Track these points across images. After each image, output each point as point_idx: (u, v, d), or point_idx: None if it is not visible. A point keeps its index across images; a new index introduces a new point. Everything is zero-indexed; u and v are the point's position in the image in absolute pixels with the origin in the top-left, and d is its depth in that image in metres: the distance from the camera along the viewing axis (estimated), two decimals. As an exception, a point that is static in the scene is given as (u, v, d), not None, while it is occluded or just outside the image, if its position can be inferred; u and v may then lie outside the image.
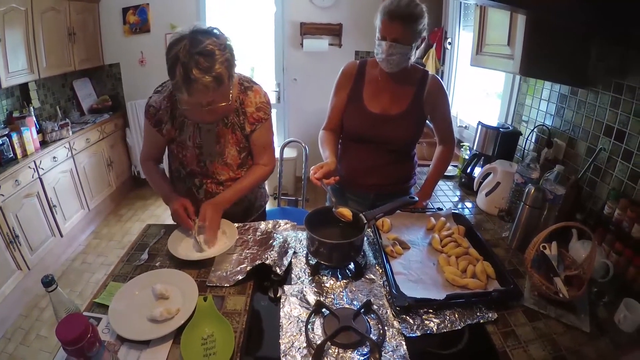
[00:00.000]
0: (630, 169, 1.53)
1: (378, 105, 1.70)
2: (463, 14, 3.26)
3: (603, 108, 1.68)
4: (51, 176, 3.25)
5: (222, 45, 1.30)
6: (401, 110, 1.69)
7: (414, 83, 1.71)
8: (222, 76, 1.28)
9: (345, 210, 1.44)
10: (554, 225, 1.36)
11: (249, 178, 1.64)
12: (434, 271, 1.39)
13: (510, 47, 1.73)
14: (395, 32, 1.52)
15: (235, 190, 1.60)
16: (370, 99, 1.71)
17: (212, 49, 1.25)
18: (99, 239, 3.75)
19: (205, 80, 1.24)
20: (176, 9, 4.11)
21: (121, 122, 4.42)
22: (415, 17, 1.52)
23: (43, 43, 3.35)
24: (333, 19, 4.22)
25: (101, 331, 1.09)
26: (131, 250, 1.51)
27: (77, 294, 2.94)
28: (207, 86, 1.25)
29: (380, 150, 1.75)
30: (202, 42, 1.25)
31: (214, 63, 1.25)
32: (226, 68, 1.29)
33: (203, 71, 1.23)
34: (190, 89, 1.26)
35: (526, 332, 1.17)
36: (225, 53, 1.29)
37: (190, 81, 1.24)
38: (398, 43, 1.53)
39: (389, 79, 1.69)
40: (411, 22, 1.52)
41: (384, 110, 1.70)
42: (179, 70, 1.24)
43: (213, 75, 1.25)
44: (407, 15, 1.50)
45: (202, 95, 1.28)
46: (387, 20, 1.53)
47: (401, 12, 1.50)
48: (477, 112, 3.07)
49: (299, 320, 1.15)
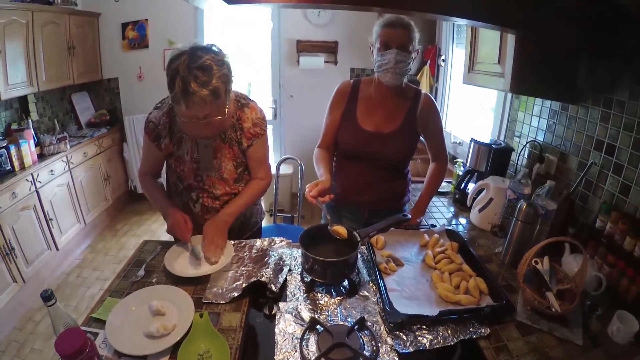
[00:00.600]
0: (621, 182, 1.56)
1: (371, 123, 1.73)
2: (456, 32, 3.31)
3: (593, 123, 1.72)
4: (48, 189, 3.25)
5: (220, 61, 1.35)
6: (394, 127, 1.73)
7: (407, 101, 1.75)
8: (218, 90, 1.32)
9: (341, 228, 1.46)
10: (545, 241, 1.38)
11: (247, 192, 1.67)
12: (427, 287, 1.40)
13: (501, 65, 1.77)
14: (400, 38, 1.59)
15: (237, 206, 1.63)
16: (363, 117, 1.75)
17: (210, 64, 1.31)
18: (95, 254, 3.73)
19: (202, 94, 1.29)
20: (174, 25, 4.16)
21: (118, 137, 4.44)
22: (412, 26, 1.61)
23: (43, 56, 3.37)
24: (329, 36, 4.28)
25: (98, 346, 1.10)
26: (128, 266, 1.52)
27: (72, 308, 2.92)
28: (204, 99, 1.30)
29: (373, 168, 1.77)
30: (200, 58, 1.30)
31: (212, 77, 1.30)
32: (223, 83, 1.34)
33: (201, 85, 1.28)
34: (188, 101, 1.30)
35: (519, 346, 1.17)
36: (222, 68, 1.34)
37: (188, 94, 1.28)
38: (403, 50, 1.59)
39: (382, 97, 1.72)
40: (411, 30, 1.60)
41: (378, 128, 1.73)
42: (178, 83, 1.28)
43: (210, 88, 1.30)
44: (407, 23, 1.59)
45: (199, 107, 1.33)
46: (390, 29, 1.60)
47: (402, 21, 1.59)
48: (471, 128, 3.10)
49: (294, 337, 1.16)
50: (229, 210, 1.61)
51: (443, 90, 3.57)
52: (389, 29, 1.60)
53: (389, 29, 1.60)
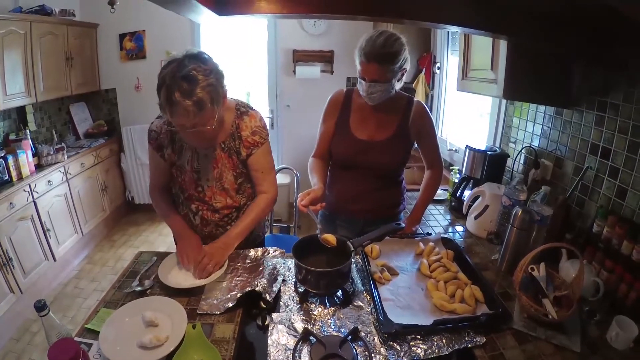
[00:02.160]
0: (617, 185, 1.56)
1: (364, 132, 1.73)
2: (451, 39, 3.32)
3: (588, 127, 1.71)
4: (45, 200, 3.25)
5: (207, 70, 1.32)
6: (387, 136, 1.72)
7: (399, 109, 1.74)
8: (202, 100, 1.29)
9: (330, 237, 1.45)
10: (540, 247, 1.37)
11: (253, 212, 1.63)
12: (422, 297, 1.40)
13: (494, 71, 1.77)
14: (372, 73, 1.56)
15: (241, 227, 1.59)
16: (356, 126, 1.75)
17: (195, 75, 1.28)
18: (92, 264, 3.72)
19: (185, 104, 1.27)
20: (172, 36, 4.18)
21: (116, 147, 4.44)
22: (392, 56, 1.54)
23: (41, 66, 3.39)
24: (325, 46, 4.30)
25: (92, 357, 1.10)
26: (123, 277, 1.51)
27: (70, 319, 2.91)
28: (187, 109, 1.28)
29: (368, 176, 1.77)
30: (186, 67, 1.28)
31: (195, 87, 1.28)
32: (208, 93, 1.31)
33: (184, 95, 1.26)
34: (171, 111, 1.30)
35: (515, 355, 1.16)
36: (209, 78, 1.31)
37: (172, 103, 1.27)
38: (377, 82, 1.57)
39: (374, 106, 1.71)
40: (387, 63, 1.54)
41: (371, 136, 1.73)
42: (163, 92, 1.28)
43: (194, 99, 1.27)
44: (383, 57, 1.53)
45: (183, 117, 1.31)
46: (364, 62, 1.56)
47: (376, 54, 1.52)
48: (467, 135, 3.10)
49: (287, 348, 1.15)
50: (233, 232, 1.57)
51: (439, 98, 3.57)
52: (363, 62, 1.56)
53: (363, 61, 1.56)
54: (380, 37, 1.53)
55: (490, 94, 1.90)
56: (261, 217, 1.68)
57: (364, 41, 1.56)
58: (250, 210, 1.63)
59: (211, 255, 1.47)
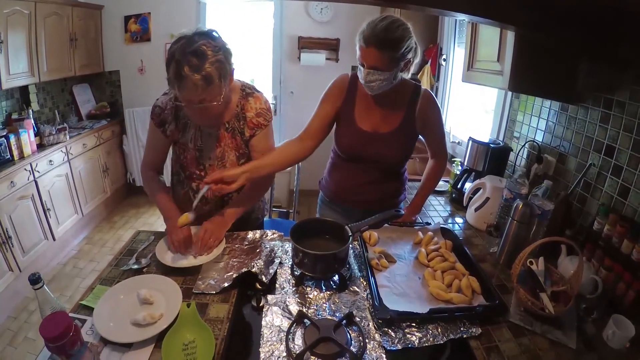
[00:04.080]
0: (620, 184, 1.54)
1: (369, 123, 1.68)
2: (458, 31, 3.29)
3: (593, 124, 1.70)
4: (46, 179, 3.26)
5: (217, 47, 1.34)
6: (392, 128, 1.67)
7: (405, 99, 1.67)
8: (211, 76, 1.31)
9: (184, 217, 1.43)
10: (540, 240, 1.36)
11: (249, 192, 1.65)
12: (418, 285, 1.39)
13: (500, 63, 1.75)
14: (371, 59, 1.47)
15: (239, 204, 1.61)
16: (361, 116, 1.69)
17: (204, 50, 1.30)
18: (91, 245, 3.74)
19: (194, 78, 1.28)
20: (177, 19, 4.15)
21: (118, 129, 4.44)
22: (394, 43, 1.44)
23: (45, 47, 3.38)
24: (331, 33, 4.27)
25: (85, 332, 1.10)
26: (120, 254, 1.51)
27: (67, 299, 2.92)
28: (196, 84, 1.29)
29: (370, 169, 1.73)
30: (196, 42, 1.29)
31: (204, 62, 1.29)
32: (216, 69, 1.32)
33: (193, 69, 1.27)
34: (180, 85, 1.30)
35: (510, 347, 1.16)
36: (217, 55, 1.33)
37: (181, 78, 1.28)
38: (377, 70, 1.48)
39: (380, 95, 1.62)
40: (388, 49, 1.44)
41: (375, 128, 1.68)
42: (172, 66, 1.29)
43: (202, 74, 1.28)
44: (383, 42, 1.43)
45: (191, 92, 1.32)
46: (363, 47, 1.47)
47: (376, 39, 1.43)
48: (470, 128, 3.08)
49: (280, 330, 1.15)
50: (231, 209, 1.59)
51: (444, 90, 3.55)
52: (362, 46, 1.47)
53: (363, 46, 1.47)
54: (383, 21, 1.44)
55: (495, 85, 1.87)
56: (258, 197, 1.71)
57: (365, 24, 1.47)
58: (248, 190, 1.64)
59: (211, 231, 1.49)
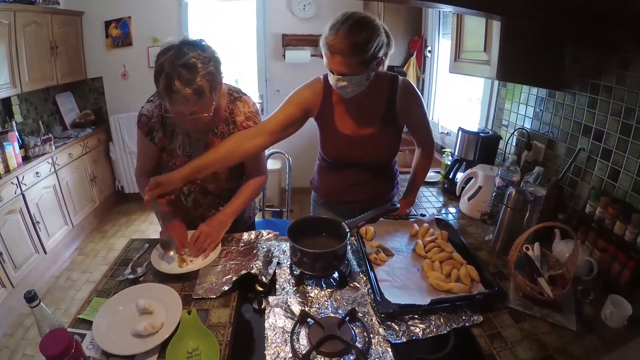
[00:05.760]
0: (610, 167, 1.56)
1: (350, 126, 1.63)
2: (442, 22, 3.30)
3: (581, 109, 1.72)
4: (34, 192, 3.20)
5: (207, 58, 1.32)
6: (375, 127, 1.63)
7: (384, 92, 1.61)
8: (202, 89, 1.29)
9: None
10: (535, 226, 1.38)
11: (245, 193, 1.64)
12: (418, 277, 1.39)
13: (487, 53, 1.76)
14: (339, 66, 1.39)
15: (235, 206, 1.59)
16: (341, 120, 1.64)
17: (195, 62, 1.28)
18: (84, 256, 3.69)
19: (185, 92, 1.26)
20: (158, 22, 4.11)
21: (104, 137, 4.38)
22: (360, 46, 1.34)
23: (25, 57, 3.32)
24: (315, 30, 4.25)
25: (86, 347, 1.08)
26: (115, 265, 1.49)
27: (63, 312, 2.88)
28: (187, 98, 1.28)
29: (359, 171, 1.71)
30: (186, 55, 1.27)
31: (196, 76, 1.27)
32: (208, 81, 1.31)
33: (184, 83, 1.26)
34: (171, 99, 1.29)
35: (512, 333, 1.17)
36: (208, 66, 1.31)
37: (171, 92, 1.26)
38: (347, 75, 1.40)
39: (356, 95, 1.52)
40: (355, 55, 1.35)
41: (357, 130, 1.63)
42: (162, 80, 1.27)
43: (194, 87, 1.27)
44: (349, 49, 1.34)
45: (183, 106, 1.31)
46: (328, 54, 1.39)
47: (340, 47, 1.34)
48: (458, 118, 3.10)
49: (284, 331, 1.14)
50: (227, 210, 1.58)
51: (430, 81, 3.56)
52: (327, 53, 1.39)
53: (327, 53, 1.38)
54: (344, 24, 1.33)
55: (482, 75, 1.89)
56: (252, 198, 1.70)
57: (327, 29, 1.37)
58: (242, 191, 1.64)
59: (207, 234, 1.48)
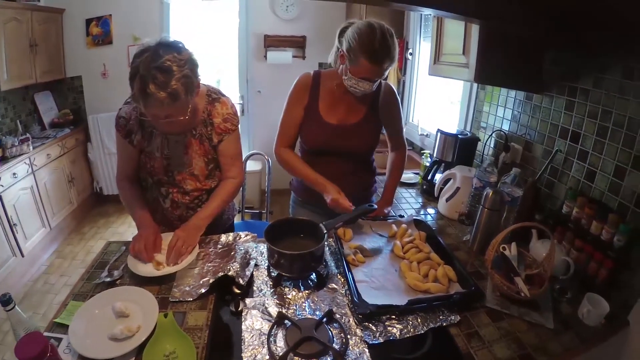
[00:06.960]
0: (587, 168, 1.60)
1: (335, 116, 1.71)
2: (423, 25, 3.33)
3: (558, 111, 1.75)
4: (11, 193, 3.12)
5: (182, 61, 1.30)
6: (358, 119, 1.72)
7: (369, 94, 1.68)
8: (177, 92, 1.28)
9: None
10: (512, 226, 1.40)
11: (220, 194, 1.62)
12: (396, 277, 1.40)
13: (466, 56, 1.78)
14: (380, 73, 1.53)
15: (210, 209, 1.57)
16: (326, 110, 1.72)
17: (170, 66, 1.26)
18: (62, 259, 3.61)
19: (160, 96, 1.25)
20: (139, 20, 4.04)
21: (82, 137, 4.30)
22: (394, 54, 1.51)
23: (4, 54, 3.24)
24: (297, 31, 4.26)
25: (62, 351, 1.06)
26: (91, 268, 1.47)
27: (41, 316, 2.81)
28: (161, 101, 1.26)
29: (340, 161, 1.76)
30: (161, 57, 1.25)
31: (170, 79, 1.26)
32: (183, 84, 1.29)
33: (159, 86, 1.24)
34: (145, 102, 1.27)
35: (490, 332, 1.19)
36: (183, 69, 1.29)
37: (146, 95, 1.25)
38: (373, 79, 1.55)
39: (345, 90, 1.65)
40: (392, 63, 1.52)
41: (341, 120, 1.71)
42: (137, 83, 1.25)
43: (168, 91, 1.25)
44: (390, 55, 1.49)
45: (157, 109, 1.30)
46: (374, 66, 1.49)
47: (384, 55, 1.48)
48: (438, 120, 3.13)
49: (261, 333, 1.14)
50: (202, 214, 1.56)
51: (410, 84, 3.60)
52: (373, 66, 1.48)
53: (373, 65, 1.48)
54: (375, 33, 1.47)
55: (461, 78, 1.91)
56: (229, 200, 1.69)
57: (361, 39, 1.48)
58: (217, 194, 1.63)
59: (184, 238, 1.45)
